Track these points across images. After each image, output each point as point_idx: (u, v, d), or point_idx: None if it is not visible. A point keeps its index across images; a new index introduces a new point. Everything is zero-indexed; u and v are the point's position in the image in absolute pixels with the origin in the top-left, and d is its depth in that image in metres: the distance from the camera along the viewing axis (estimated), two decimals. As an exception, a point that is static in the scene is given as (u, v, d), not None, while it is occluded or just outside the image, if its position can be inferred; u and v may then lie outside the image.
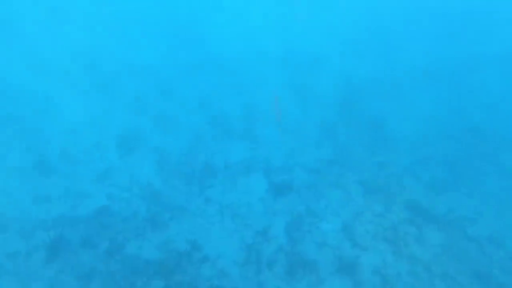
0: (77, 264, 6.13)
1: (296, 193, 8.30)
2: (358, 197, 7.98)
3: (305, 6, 22.10)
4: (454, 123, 10.48)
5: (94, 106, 11.60)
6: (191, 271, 6.27)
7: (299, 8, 21.35)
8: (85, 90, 12.51)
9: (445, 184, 8.22)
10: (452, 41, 15.05)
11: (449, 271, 6.16)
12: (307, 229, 7.27)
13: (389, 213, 7.47)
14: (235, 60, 15.62)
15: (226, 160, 9.56)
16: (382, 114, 11.23)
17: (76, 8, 19.27)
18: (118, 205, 7.78)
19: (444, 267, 6.23)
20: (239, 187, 8.61)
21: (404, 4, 20.96)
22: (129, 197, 8.05)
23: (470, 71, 12.75)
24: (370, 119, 10.94)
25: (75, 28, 17.33)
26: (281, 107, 13.75)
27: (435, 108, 11.27)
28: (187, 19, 20.95)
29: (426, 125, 10.50)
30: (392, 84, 12.94)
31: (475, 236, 6.80)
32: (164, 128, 10.90)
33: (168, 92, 12.94)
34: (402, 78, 13.31)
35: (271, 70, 14.30)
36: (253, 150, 9.97)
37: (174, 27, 19.37)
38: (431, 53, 14.55)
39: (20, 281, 5.78)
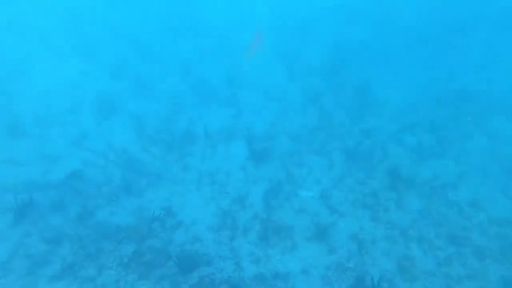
0: (46, 228, 5.95)
1: (278, 161, 8.07)
2: (340, 164, 7.76)
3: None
4: (444, 87, 10.09)
5: (71, 69, 11.03)
6: (164, 237, 6.14)
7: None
8: (63, 52, 11.87)
9: (431, 150, 8.00)
10: (446, 2, 14.29)
11: (426, 235, 6.07)
12: (285, 197, 7.11)
13: (370, 179, 7.30)
14: (219, 26, 14.84)
15: (207, 127, 9.22)
16: (369, 79, 10.77)
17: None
18: (92, 171, 7.52)
19: (421, 232, 6.14)
20: (219, 155, 8.35)
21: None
22: (104, 163, 7.78)
23: (463, 34, 12.14)
24: (357, 85, 10.52)
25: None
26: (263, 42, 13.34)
27: (425, 72, 10.82)
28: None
29: (415, 90, 10.11)
30: (382, 48, 12.37)
31: (456, 201, 6.68)
32: (144, 94, 10.44)
33: (149, 57, 12.34)
34: (393, 42, 12.71)
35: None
36: (235, 117, 9.63)
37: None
38: (424, 16, 13.83)
39: (-14, 245, 5.62)
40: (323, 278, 5.59)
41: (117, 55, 12.17)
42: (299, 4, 16.83)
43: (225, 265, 5.71)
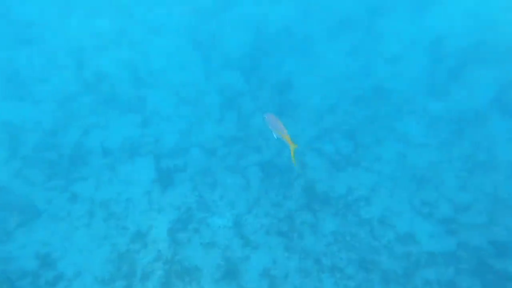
0: None
1: (188, 182, 7.15)
2: (256, 184, 7.18)
3: None
4: (361, 83, 9.98)
5: None
6: (33, 304, 4.91)
7: None
8: None
9: (347, 159, 7.86)
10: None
11: (338, 263, 5.90)
12: (195, 228, 6.31)
13: (286, 200, 6.87)
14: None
15: (105, 140, 7.77)
16: (291, 74, 10.25)
17: None
18: None
19: (334, 259, 5.95)
20: (119, 178, 7.09)
21: None
22: (-46, 203, 5.98)
23: (380, 16, 12.12)
24: (278, 82, 9.93)
25: None
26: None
27: (345, 64, 10.62)
28: None
29: (334, 87, 9.84)
30: (304, 37, 11.84)
31: (367, 219, 6.63)
32: (19, 96, 8.34)
33: (28, 41, 9.92)
34: (316, 27, 12.24)
35: (170, 20, 11.92)
36: (141, 127, 8.31)
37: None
38: None
39: None
40: (231, 328, 5.07)
41: None
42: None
43: (115, 331, 4.80)
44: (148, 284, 5.40)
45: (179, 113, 8.86)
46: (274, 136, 4.32)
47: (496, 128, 8.18)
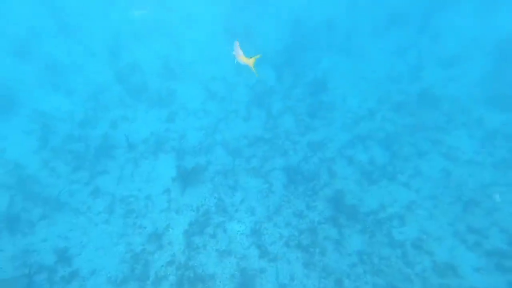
0: None
1: (209, 183, 6.89)
2: (279, 190, 6.74)
3: None
4: (407, 87, 9.04)
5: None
6: (47, 299, 4.95)
7: None
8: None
9: (382, 170, 7.13)
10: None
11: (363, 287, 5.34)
12: (211, 233, 6.05)
13: (310, 210, 6.37)
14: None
15: (131, 133, 7.74)
16: (327, 72, 9.54)
17: None
18: (-33, 200, 5.99)
19: (358, 282, 5.39)
20: (141, 173, 7.02)
21: None
22: (-13, 188, 6.24)
23: (438, 15, 10.94)
24: (313, 80, 9.29)
25: None
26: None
27: (390, 65, 9.65)
28: None
29: (375, 89, 8.99)
30: (346, 31, 10.99)
31: (400, 241, 5.95)
32: (55, 85, 8.54)
33: (68, 30, 10.13)
34: (359, 23, 11.32)
35: (205, 12, 11.63)
36: (168, 121, 8.18)
37: None
38: None
39: None
40: None
41: (24, 23, 9.80)
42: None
43: (122, 335, 4.71)
44: (159, 289, 5.25)
45: (206, 108, 8.61)
46: (235, 61, 4.35)
47: None
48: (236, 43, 4.23)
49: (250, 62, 4.25)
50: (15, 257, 5.41)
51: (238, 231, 6.09)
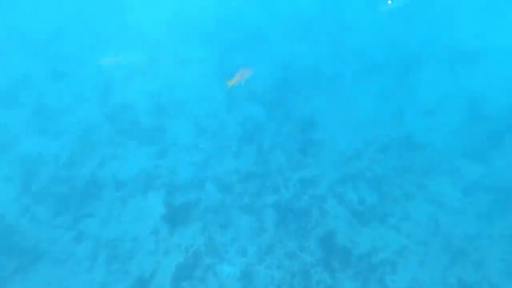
0: None
1: (199, 221, 6.73)
2: (270, 228, 6.62)
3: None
4: (391, 131, 9.23)
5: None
6: None
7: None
8: None
9: (372, 211, 7.09)
10: (403, 31, 13.75)
11: (359, 335, 5.10)
12: (201, 276, 5.80)
13: (302, 251, 6.22)
14: (152, 32, 13.03)
15: (119, 171, 7.63)
16: (315, 113, 9.76)
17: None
18: None
19: (354, 329, 5.15)
20: (128, 214, 6.83)
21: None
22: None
23: (415, 68, 11.58)
24: (302, 119, 9.47)
25: None
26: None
27: (374, 109, 10.02)
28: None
29: (361, 131, 9.22)
30: (332, 75, 11.44)
31: None
32: (44, 128, 8.48)
33: (60, 74, 10.27)
34: (343, 67, 11.84)
35: (197, 50, 12.05)
36: (158, 158, 8.12)
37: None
38: (378, 41, 13.18)
39: None
40: None
41: (16, 70, 9.98)
42: (248, 11, 15.44)
43: None
44: None
45: (197, 144, 8.62)
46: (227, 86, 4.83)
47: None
48: (243, 70, 4.62)
49: (238, 79, 4.66)
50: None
51: (229, 272, 5.86)
